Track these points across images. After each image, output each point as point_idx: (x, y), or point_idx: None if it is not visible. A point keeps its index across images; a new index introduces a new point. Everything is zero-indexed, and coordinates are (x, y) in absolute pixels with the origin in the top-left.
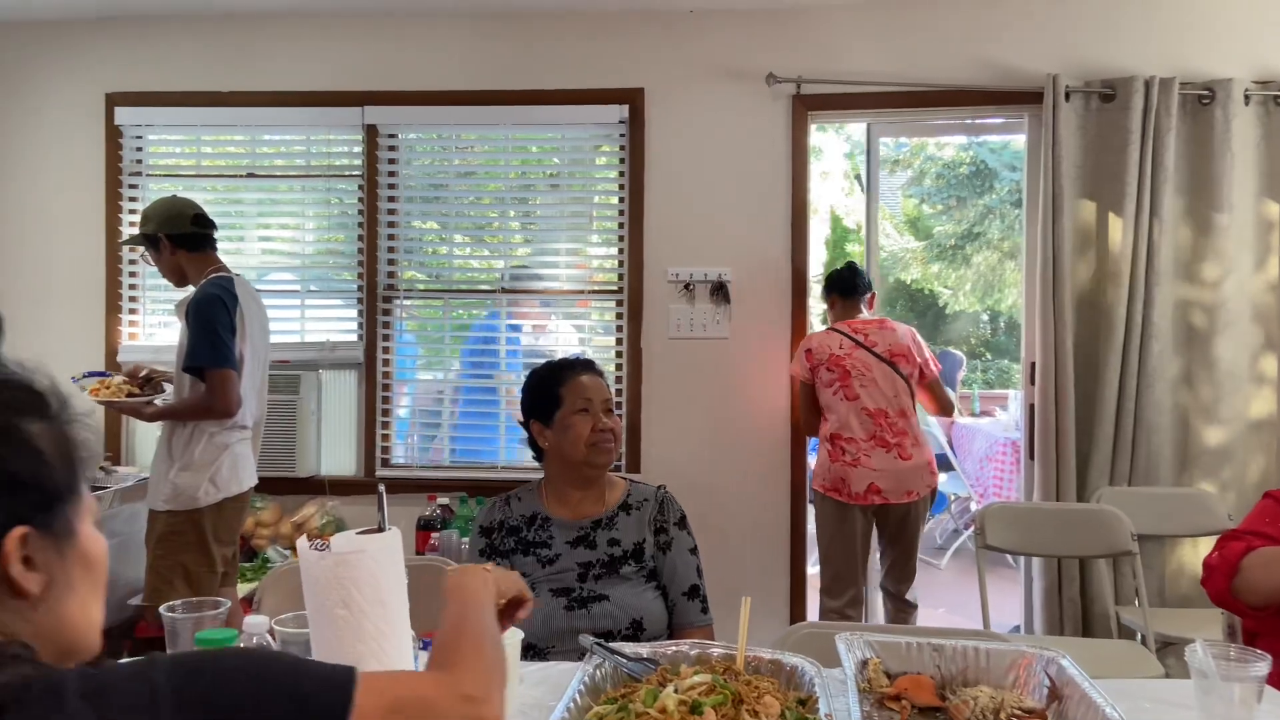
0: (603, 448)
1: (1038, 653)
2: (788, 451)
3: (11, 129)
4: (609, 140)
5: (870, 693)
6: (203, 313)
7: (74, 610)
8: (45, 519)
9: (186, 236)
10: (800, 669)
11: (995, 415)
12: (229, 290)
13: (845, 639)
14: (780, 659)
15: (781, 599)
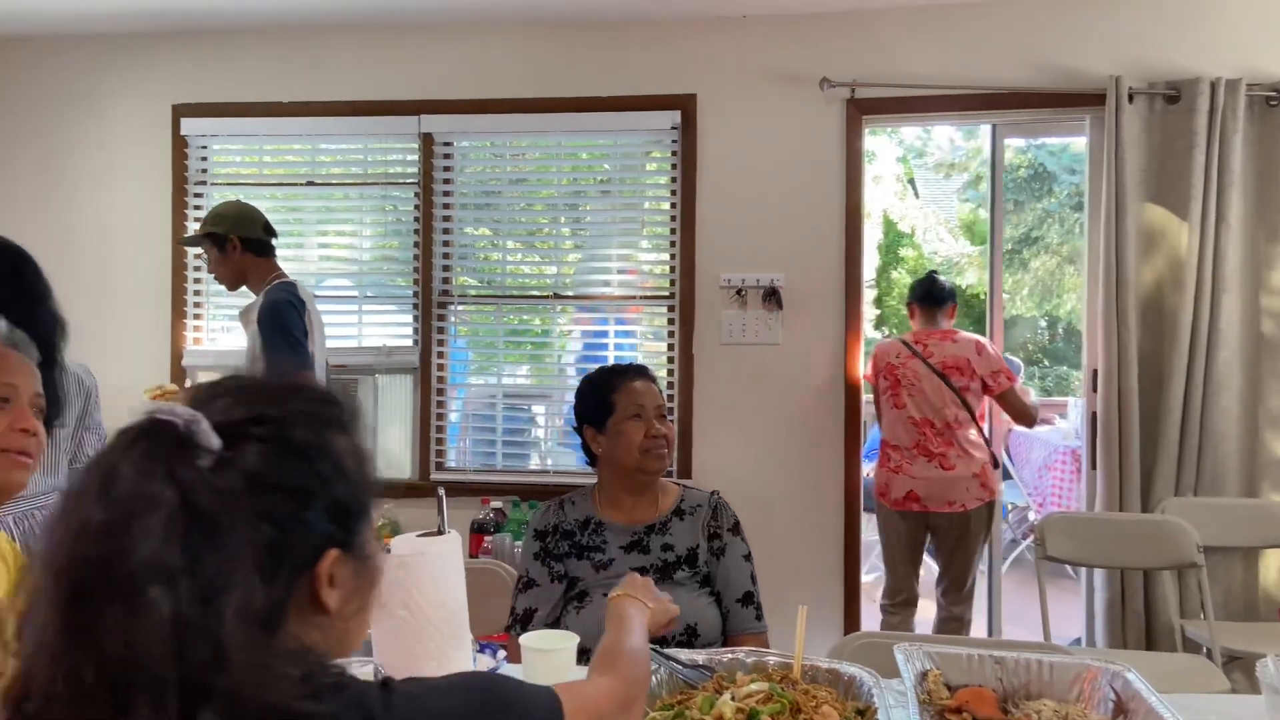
0: (655, 454)
1: (1103, 666)
2: (841, 459)
3: (83, 139)
4: (659, 146)
5: (930, 705)
6: (278, 319)
7: (357, 623)
8: (349, 539)
9: (256, 241)
10: (858, 679)
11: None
12: (297, 295)
13: (904, 649)
14: (838, 668)
15: (835, 608)
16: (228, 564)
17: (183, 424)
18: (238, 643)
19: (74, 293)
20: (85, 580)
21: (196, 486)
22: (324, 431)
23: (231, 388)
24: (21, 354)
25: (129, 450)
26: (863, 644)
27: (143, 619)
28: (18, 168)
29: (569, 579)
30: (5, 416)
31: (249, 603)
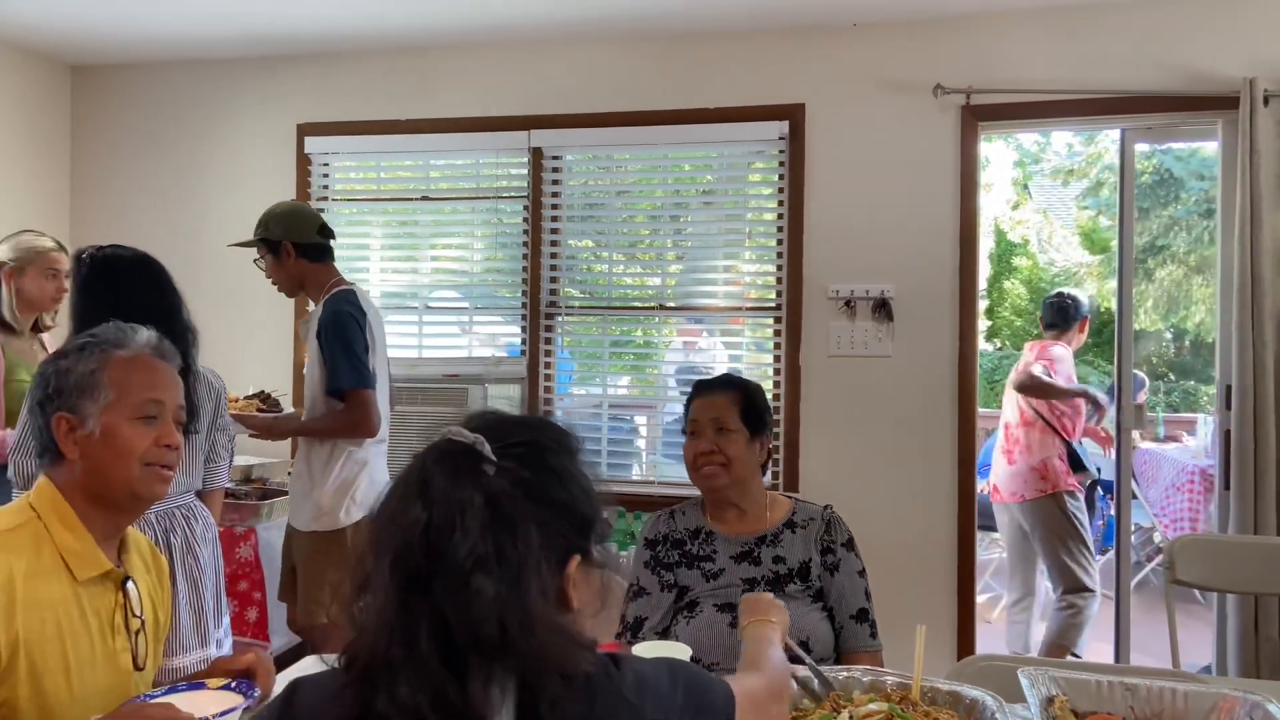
0: (704, 472)
1: (1242, 696)
2: (954, 476)
3: (216, 157)
4: (762, 156)
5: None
6: (340, 333)
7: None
8: (587, 549)
9: (311, 246)
10: (981, 702)
11: (1182, 441)
12: (358, 306)
13: (1029, 674)
14: (959, 690)
15: (947, 630)
16: (526, 552)
17: (473, 443)
18: (540, 615)
19: (205, 302)
20: (418, 567)
21: (495, 488)
22: (569, 457)
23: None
24: (169, 365)
25: (437, 464)
26: (983, 667)
27: (476, 596)
28: (157, 183)
29: (679, 588)
30: (153, 431)
31: (545, 583)
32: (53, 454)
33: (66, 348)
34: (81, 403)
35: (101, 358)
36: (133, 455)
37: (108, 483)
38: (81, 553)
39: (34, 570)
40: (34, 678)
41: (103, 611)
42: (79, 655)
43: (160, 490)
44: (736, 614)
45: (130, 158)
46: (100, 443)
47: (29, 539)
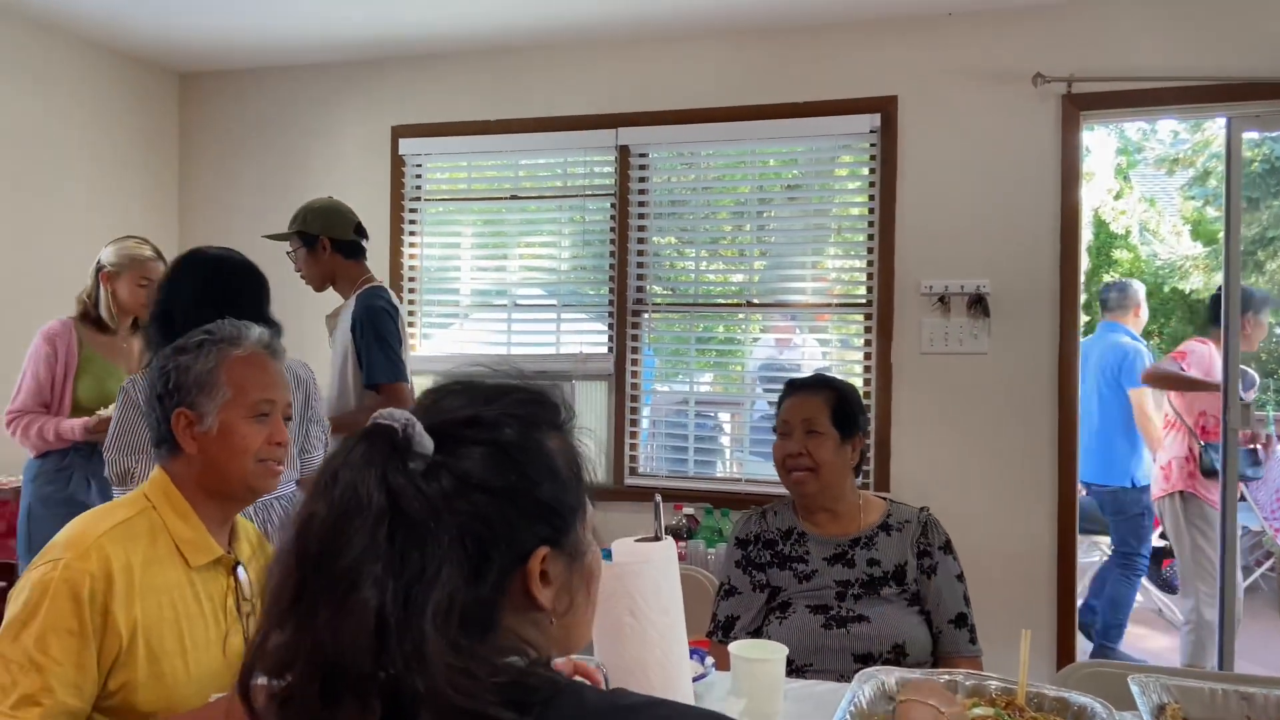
0: (792, 475)
1: None
2: (1054, 478)
3: (313, 161)
4: (849, 150)
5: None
6: (376, 326)
7: (578, 619)
8: (560, 538)
9: (347, 243)
10: (1090, 709)
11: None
12: (391, 302)
13: (1139, 681)
14: (1066, 697)
15: (1046, 636)
16: (431, 565)
17: (400, 428)
18: (436, 643)
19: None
20: (306, 574)
21: (405, 492)
22: (533, 432)
23: (451, 390)
24: (279, 364)
25: (351, 453)
26: (1090, 673)
27: (349, 615)
28: (260, 186)
29: (771, 588)
30: (265, 429)
31: (451, 603)
32: (170, 445)
33: (185, 343)
34: (200, 400)
35: (219, 356)
36: (248, 452)
37: (223, 477)
38: (195, 540)
39: (150, 558)
40: (152, 660)
41: (215, 596)
42: (194, 638)
43: (272, 484)
44: (829, 617)
45: (234, 161)
46: (218, 439)
47: (145, 528)
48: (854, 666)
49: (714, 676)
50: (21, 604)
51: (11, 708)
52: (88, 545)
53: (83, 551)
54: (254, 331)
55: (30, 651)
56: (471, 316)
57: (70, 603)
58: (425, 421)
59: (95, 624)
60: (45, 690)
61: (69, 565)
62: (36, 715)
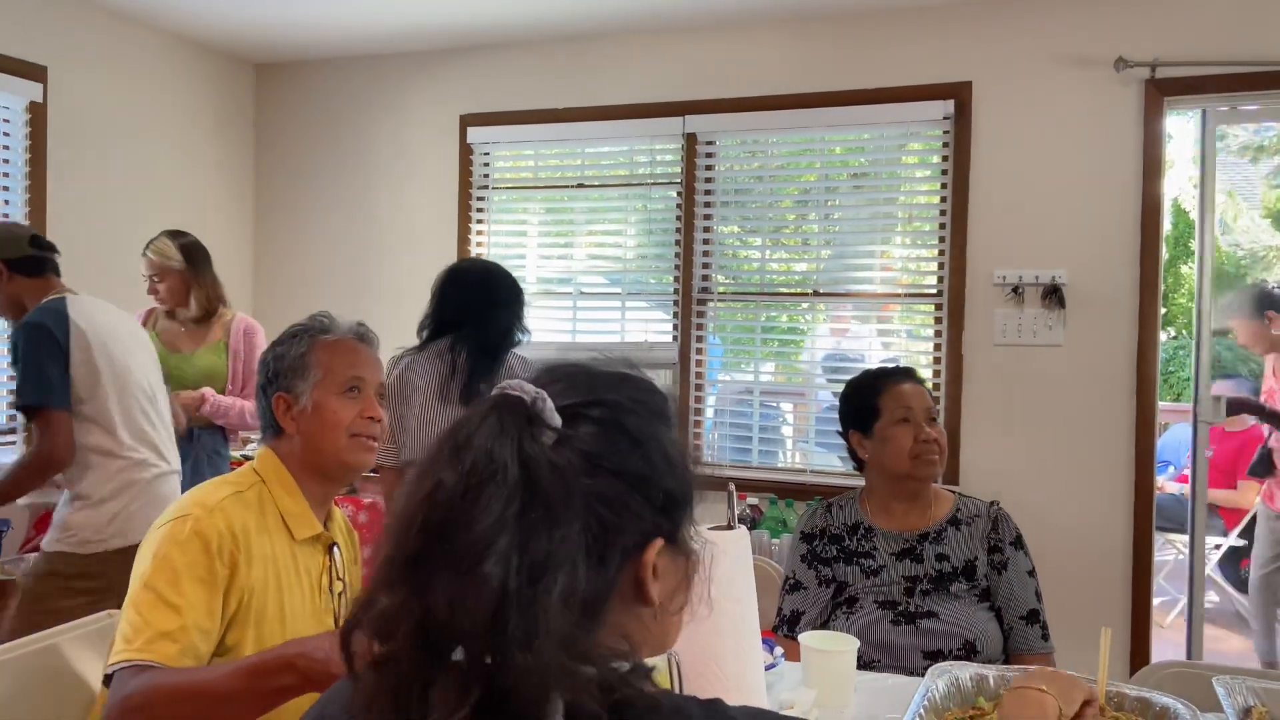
0: (926, 459)
1: None
2: (1130, 472)
3: (384, 150)
4: (918, 138)
5: None
6: (22, 343)
7: (678, 620)
8: (674, 531)
9: (25, 260)
10: (1173, 710)
11: None
12: (59, 311)
13: (1224, 682)
14: (1148, 697)
15: (1120, 635)
16: (559, 546)
17: (530, 399)
18: (553, 629)
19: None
20: (427, 541)
21: (540, 464)
22: (653, 421)
23: (568, 372)
24: (370, 348)
25: (482, 422)
26: (1171, 673)
27: (470, 590)
28: (333, 175)
29: (837, 583)
30: (356, 405)
31: (573, 588)
32: (274, 429)
33: (282, 337)
34: (295, 383)
35: (310, 343)
36: (340, 426)
37: (320, 452)
38: (299, 515)
39: (260, 527)
40: (257, 623)
41: (313, 571)
42: (293, 608)
43: (366, 460)
44: (897, 613)
45: (308, 151)
46: (312, 417)
47: (255, 500)
48: (923, 663)
49: (784, 667)
50: (151, 556)
51: (147, 642)
52: (213, 505)
53: (210, 509)
54: (344, 321)
55: (165, 594)
56: (536, 304)
57: (202, 554)
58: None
59: (224, 575)
60: (181, 629)
61: (199, 519)
62: (175, 650)
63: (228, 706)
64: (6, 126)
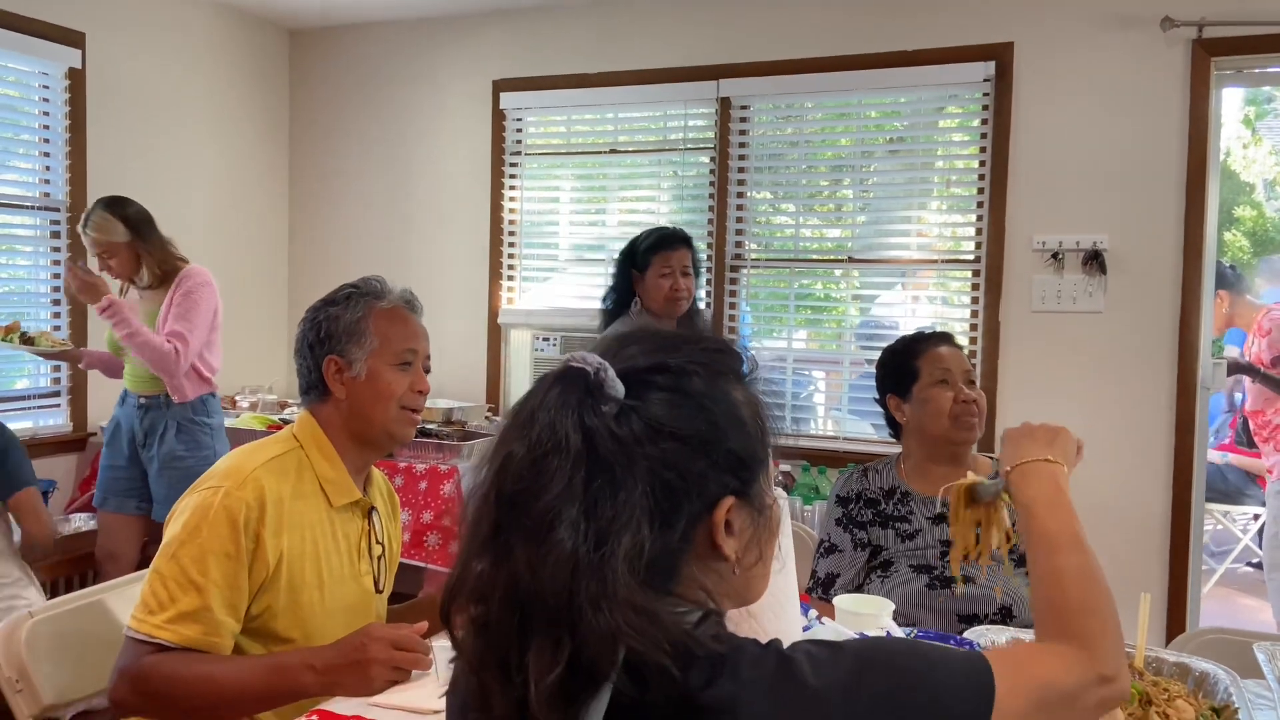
0: (965, 421)
1: None
2: (1170, 444)
3: (418, 115)
4: (956, 101)
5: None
6: None
7: (758, 573)
8: (746, 489)
9: None
10: (1212, 675)
11: None
12: None
13: (1266, 649)
14: (1187, 663)
15: (1158, 602)
16: (623, 510)
17: (593, 371)
18: (624, 586)
19: (407, 252)
20: (503, 511)
21: (600, 434)
22: (720, 381)
23: (638, 338)
24: (418, 317)
25: (547, 394)
26: (1210, 639)
27: (547, 554)
28: (367, 140)
29: (872, 547)
30: (407, 377)
31: (640, 548)
32: (319, 391)
33: (334, 296)
34: (350, 348)
35: (366, 307)
36: (392, 397)
37: (368, 421)
38: (337, 481)
39: (297, 493)
40: (292, 589)
41: (351, 536)
42: (331, 573)
43: (409, 432)
44: (933, 577)
45: (342, 117)
46: (365, 385)
47: (293, 465)
48: (959, 627)
49: (819, 629)
50: (181, 525)
51: (169, 620)
52: (245, 475)
53: (241, 481)
54: (396, 288)
55: (190, 571)
56: (569, 270)
57: (228, 528)
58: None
59: (248, 549)
60: (205, 609)
61: (229, 493)
62: (198, 632)
63: (240, 702)
64: (46, 93)
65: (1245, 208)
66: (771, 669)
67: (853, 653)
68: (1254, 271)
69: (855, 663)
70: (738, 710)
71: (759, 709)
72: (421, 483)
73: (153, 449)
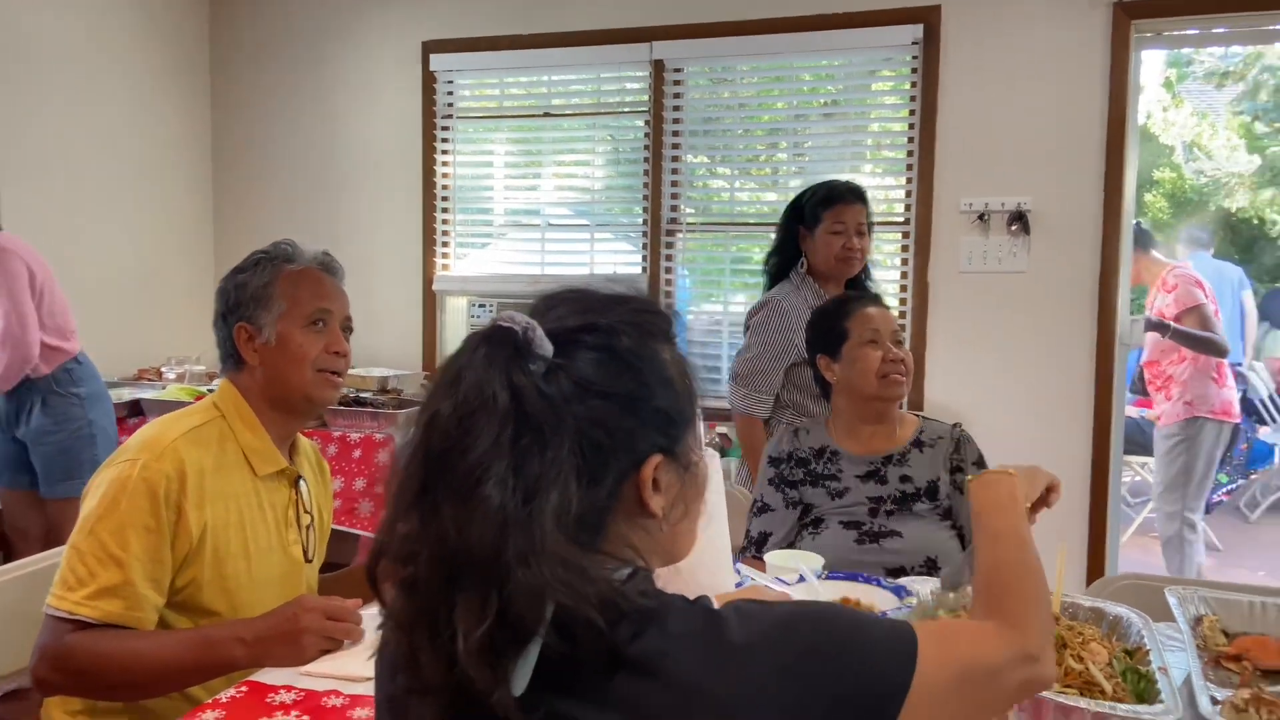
0: (893, 379)
1: None
2: (1090, 398)
3: (345, 78)
4: (890, 64)
5: (1205, 651)
6: None
7: (684, 529)
8: (673, 446)
9: None
10: (1125, 619)
11: None
12: None
13: (1177, 592)
14: (1102, 607)
15: (1078, 553)
16: (551, 467)
17: (521, 330)
18: (551, 542)
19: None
20: (430, 469)
21: (528, 392)
22: (648, 341)
23: (566, 298)
24: (335, 279)
25: (474, 353)
26: (1126, 585)
27: (474, 511)
28: (292, 103)
29: (803, 505)
30: (321, 339)
31: (567, 505)
32: (235, 360)
33: (243, 264)
34: (258, 313)
35: (273, 271)
36: (305, 360)
37: (285, 386)
38: (261, 450)
39: (219, 464)
40: (218, 561)
41: (278, 506)
42: (258, 543)
43: (331, 395)
44: (862, 532)
45: (266, 76)
46: (277, 350)
47: (214, 435)
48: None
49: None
50: (98, 500)
51: (89, 596)
52: (164, 447)
53: (159, 453)
54: (309, 249)
55: (109, 546)
56: (506, 236)
57: (148, 500)
58: (541, 327)
59: (169, 522)
60: (126, 584)
61: (147, 465)
62: (120, 607)
63: (167, 677)
64: None
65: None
66: (699, 624)
67: (782, 611)
68: (1171, 234)
69: (782, 620)
70: (665, 664)
71: (685, 662)
72: (356, 450)
73: (22, 427)
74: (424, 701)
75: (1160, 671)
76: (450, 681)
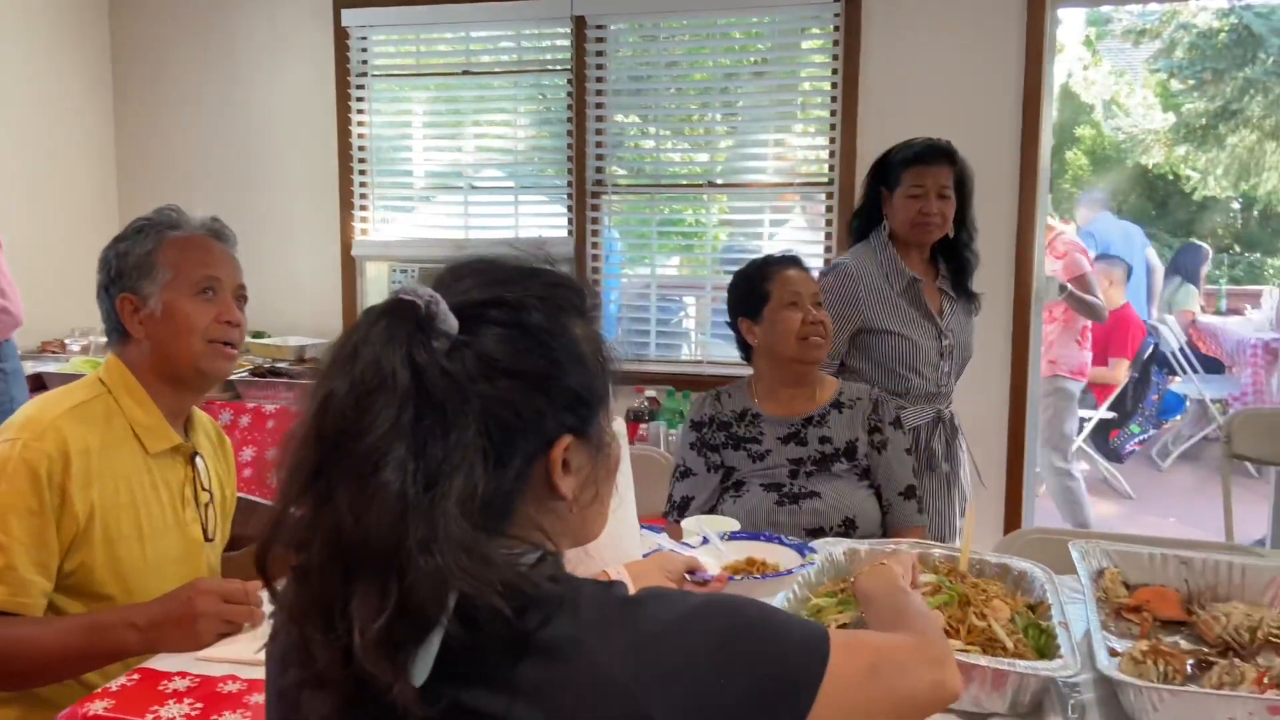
0: (813, 341)
1: None
2: (1007, 354)
3: (246, 33)
4: (818, 22)
5: (1107, 603)
6: None
7: (595, 511)
8: (584, 427)
9: None
10: (1030, 574)
11: (1245, 314)
12: None
13: (1080, 546)
14: (1008, 563)
15: (995, 505)
16: (454, 450)
17: (424, 305)
18: (455, 529)
19: (251, 183)
20: (324, 452)
21: (430, 370)
22: (560, 317)
23: (473, 269)
24: (225, 245)
25: (373, 328)
26: (1033, 540)
27: (372, 498)
28: (198, 63)
29: (725, 469)
30: (211, 308)
31: (472, 489)
32: (120, 334)
33: (125, 232)
34: (141, 283)
35: (157, 239)
36: (194, 331)
37: (173, 359)
38: (152, 426)
39: (107, 442)
40: (109, 544)
41: (173, 484)
42: (152, 524)
43: (225, 368)
44: (782, 494)
45: (169, 35)
46: (163, 321)
47: (101, 412)
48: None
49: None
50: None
51: None
52: (44, 426)
53: (39, 432)
54: (196, 216)
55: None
56: (430, 200)
57: (29, 482)
58: (446, 300)
59: (53, 504)
60: (9, 569)
61: (27, 445)
62: (4, 593)
63: (58, 664)
64: None
65: (1086, 127)
66: (613, 611)
67: (697, 601)
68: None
69: (697, 607)
70: (577, 649)
71: (597, 647)
72: (270, 421)
73: None
74: (318, 695)
75: (1061, 626)
76: (346, 674)
